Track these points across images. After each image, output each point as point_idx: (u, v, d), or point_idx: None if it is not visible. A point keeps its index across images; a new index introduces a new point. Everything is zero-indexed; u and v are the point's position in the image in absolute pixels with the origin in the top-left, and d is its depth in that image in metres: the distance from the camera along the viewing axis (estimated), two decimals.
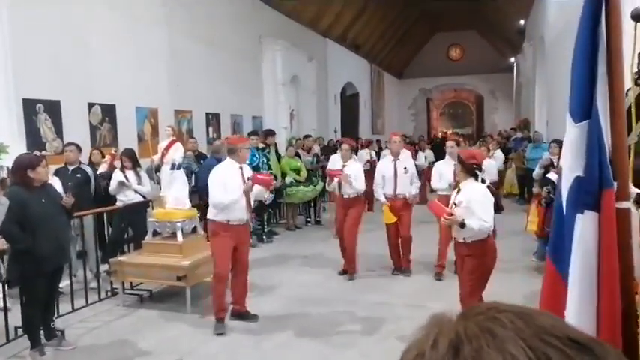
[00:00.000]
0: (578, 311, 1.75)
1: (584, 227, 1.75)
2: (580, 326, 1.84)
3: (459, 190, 4.02)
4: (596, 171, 1.73)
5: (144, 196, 6.23)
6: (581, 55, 1.80)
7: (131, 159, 6.25)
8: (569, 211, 1.83)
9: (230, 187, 4.52)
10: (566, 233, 1.84)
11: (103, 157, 6.72)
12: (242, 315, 4.73)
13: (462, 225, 3.81)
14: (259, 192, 4.80)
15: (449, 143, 6.44)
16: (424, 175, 12.16)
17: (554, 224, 1.99)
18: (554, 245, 2.01)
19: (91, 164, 6.70)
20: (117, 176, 6.10)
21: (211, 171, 4.76)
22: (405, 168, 6.00)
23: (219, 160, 5.79)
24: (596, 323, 1.74)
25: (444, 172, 5.92)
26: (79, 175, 5.77)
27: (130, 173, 6.16)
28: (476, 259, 3.91)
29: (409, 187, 6.01)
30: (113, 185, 6.06)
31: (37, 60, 6.30)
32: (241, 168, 4.69)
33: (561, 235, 1.90)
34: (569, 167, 1.84)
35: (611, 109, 1.75)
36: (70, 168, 5.82)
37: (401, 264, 6.18)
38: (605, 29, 1.73)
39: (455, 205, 3.95)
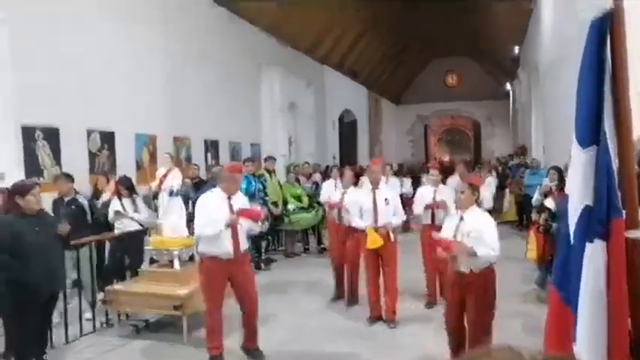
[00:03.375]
0: (588, 339, 1.72)
1: (594, 256, 1.73)
2: (590, 355, 1.79)
3: (462, 219, 3.84)
4: (604, 199, 1.70)
5: (141, 224, 6.19)
6: (587, 80, 1.79)
7: (127, 186, 6.23)
8: (578, 240, 1.80)
9: (214, 217, 4.20)
10: (573, 262, 1.82)
11: (109, 182, 6.71)
12: (249, 351, 4.50)
13: (474, 254, 3.60)
14: (250, 225, 4.43)
15: (432, 171, 6.24)
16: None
17: (560, 253, 1.96)
18: (559, 274, 1.98)
19: (96, 190, 6.68)
20: (113, 205, 6.09)
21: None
22: (386, 199, 5.32)
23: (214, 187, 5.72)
24: (606, 351, 1.70)
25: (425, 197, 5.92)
26: (73, 207, 5.67)
27: (126, 201, 6.14)
28: (483, 291, 3.71)
29: (391, 219, 5.35)
30: (110, 214, 6.06)
31: (37, 87, 6.33)
32: (229, 198, 4.33)
33: (567, 263, 1.87)
34: (578, 195, 1.81)
35: (618, 134, 1.72)
36: (65, 199, 5.74)
37: (380, 313, 5.36)
38: (611, 55, 1.73)
39: (464, 235, 3.74)
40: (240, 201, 4.47)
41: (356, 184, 6.96)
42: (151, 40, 8.48)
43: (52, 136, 6.68)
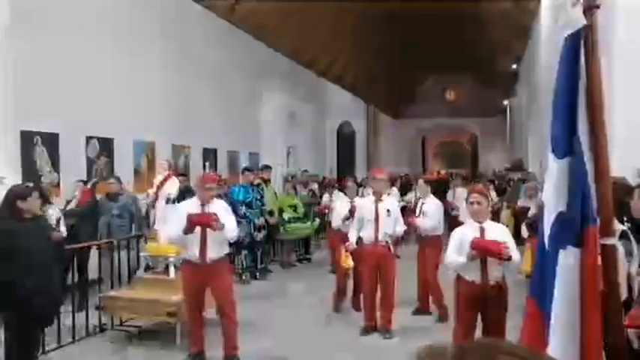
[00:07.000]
0: (562, 345, 1.74)
1: (567, 263, 1.76)
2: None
3: (483, 230, 3.79)
4: (579, 207, 1.74)
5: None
6: (562, 92, 1.84)
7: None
8: (552, 247, 1.84)
9: (181, 222, 4.32)
10: (548, 270, 1.85)
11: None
12: (228, 358, 4.51)
13: (509, 259, 3.60)
14: (227, 233, 4.40)
15: (420, 182, 6.45)
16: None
17: (537, 261, 2.01)
18: (534, 280, 2.02)
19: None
20: None
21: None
22: (388, 210, 5.23)
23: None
24: (579, 357, 1.73)
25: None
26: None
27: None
28: (505, 302, 3.78)
29: (390, 230, 5.27)
30: None
31: (38, 93, 6.37)
32: (203, 206, 4.42)
33: (543, 271, 1.90)
34: (553, 203, 1.85)
35: (593, 144, 1.77)
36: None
37: (375, 323, 5.32)
38: (585, 67, 1.77)
39: None
40: (217, 208, 4.47)
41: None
42: (151, 49, 8.54)
43: (51, 141, 6.71)
